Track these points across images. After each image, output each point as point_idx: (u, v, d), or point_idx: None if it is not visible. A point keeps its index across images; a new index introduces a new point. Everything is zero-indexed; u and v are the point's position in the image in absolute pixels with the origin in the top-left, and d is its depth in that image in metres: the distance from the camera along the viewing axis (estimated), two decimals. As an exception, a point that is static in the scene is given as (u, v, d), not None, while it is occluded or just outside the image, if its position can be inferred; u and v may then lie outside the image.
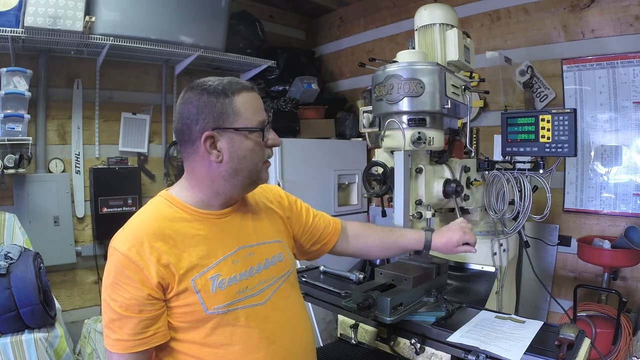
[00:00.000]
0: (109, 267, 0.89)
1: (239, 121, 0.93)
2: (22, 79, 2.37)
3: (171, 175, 3.05)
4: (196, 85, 0.95)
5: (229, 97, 0.92)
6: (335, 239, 1.28)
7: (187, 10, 2.67)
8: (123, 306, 0.86)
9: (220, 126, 0.92)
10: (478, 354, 1.05)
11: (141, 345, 0.86)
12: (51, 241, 2.55)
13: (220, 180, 0.96)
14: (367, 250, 1.34)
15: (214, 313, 0.91)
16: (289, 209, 1.19)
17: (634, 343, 1.92)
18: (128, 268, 0.86)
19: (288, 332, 1.02)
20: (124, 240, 0.89)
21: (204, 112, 0.91)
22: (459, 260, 1.65)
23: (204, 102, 0.92)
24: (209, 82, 0.95)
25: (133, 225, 0.93)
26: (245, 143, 0.94)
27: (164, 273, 0.87)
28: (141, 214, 0.96)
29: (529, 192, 1.50)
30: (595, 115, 2.31)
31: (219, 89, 0.93)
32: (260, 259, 1.02)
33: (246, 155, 0.95)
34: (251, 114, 0.95)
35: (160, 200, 0.98)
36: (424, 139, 1.40)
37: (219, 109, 0.92)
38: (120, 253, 0.87)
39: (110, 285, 0.87)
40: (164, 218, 0.93)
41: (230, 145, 0.93)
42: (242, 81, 0.98)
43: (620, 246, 2.06)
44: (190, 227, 0.94)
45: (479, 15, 2.75)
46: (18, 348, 1.77)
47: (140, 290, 0.86)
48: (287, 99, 3.09)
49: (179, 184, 1.02)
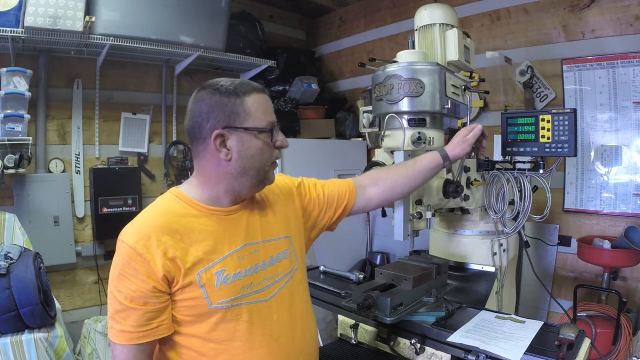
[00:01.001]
0: (117, 258, 0.90)
1: (249, 121, 0.95)
2: (22, 79, 2.37)
3: (171, 175, 3.05)
4: (208, 84, 0.97)
5: (240, 97, 0.94)
6: (353, 197, 1.24)
7: (187, 10, 2.67)
8: (128, 297, 0.87)
9: (231, 125, 0.94)
10: (478, 354, 1.05)
11: (144, 337, 0.88)
12: (51, 241, 2.54)
13: (229, 178, 0.97)
14: (391, 189, 1.27)
15: (218, 307, 0.92)
16: (297, 194, 1.18)
17: (634, 343, 1.92)
18: (135, 260, 0.87)
19: (291, 329, 1.03)
20: (132, 233, 0.90)
21: (215, 111, 0.93)
22: (459, 260, 1.66)
23: (216, 101, 0.94)
24: (221, 82, 0.97)
25: (142, 219, 0.94)
26: (254, 142, 0.96)
27: (169, 266, 0.89)
28: (150, 209, 0.97)
29: (529, 192, 1.50)
30: (595, 115, 2.31)
31: (231, 89, 0.95)
32: (265, 256, 1.02)
33: (255, 154, 0.96)
34: (261, 114, 0.97)
35: (169, 197, 1.00)
36: (424, 139, 1.40)
37: (230, 108, 0.93)
38: (127, 245, 0.88)
39: (117, 276, 0.89)
40: (172, 213, 0.95)
41: (239, 144, 0.95)
42: (254, 83, 1.00)
43: (620, 246, 2.06)
44: (198, 222, 0.96)
45: (479, 15, 2.76)
46: (18, 348, 1.78)
47: (145, 282, 0.87)
48: (287, 99, 3.09)
49: (188, 181, 1.04)
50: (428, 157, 1.30)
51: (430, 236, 1.81)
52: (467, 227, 1.66)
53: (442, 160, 1.30)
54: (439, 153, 1.30)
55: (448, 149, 1.32)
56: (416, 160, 1.31)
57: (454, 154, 1.31)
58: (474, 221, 1.65)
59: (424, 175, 1.29)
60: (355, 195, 1.25)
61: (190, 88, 3.22)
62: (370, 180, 1.28)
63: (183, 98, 3.19)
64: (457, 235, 1.68)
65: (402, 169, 1.29)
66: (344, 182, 1.27)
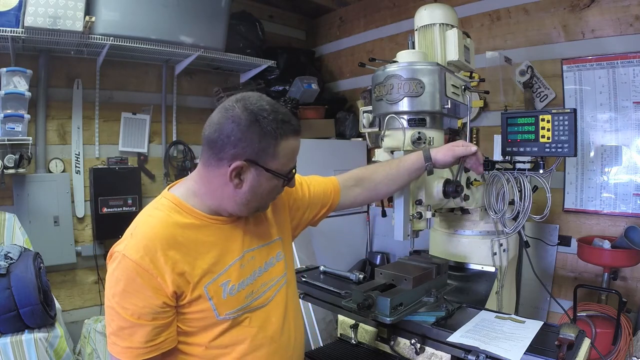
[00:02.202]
0: (118, 274, 0.86)
1: (274, 163, 0.92)
2: (22, 79, 2.37)
3: (171, 176, 3.05)
4: (251, 105, 0.89)
5: (277, 139, 0.90)
6: (337, 197, 1.27)
7: (187, 10, 2.67)
8: (135, 314, 0.84)
9: (255, 161, 0.90)
10: (478, 354, 1.05)
11: (152, 352, 0.86)
12: (51, 241, 2.55)
13: (231, 202, 0.95)
14: (375, 189, 1.29)
15: (226, 318, 0.93)
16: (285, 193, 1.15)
17: (634, 343, 1.92)
18: (141, 276, 0.84)
19: (286, 329, 1.05)
20: (135, 247, 0.86)
21: (247, 141, 0.88)
22: (459, 260, 1.65)
23: (252, 133, 0.88)
24: (265, 111, 0.89)
25: (143, 232, 0.89)
26: (269, 183, 0.94)
27: (179, 282, 0.87)
28: (150, 220, 0.92)
29: (529, 192, 1.50)
30: (595, 115, 2.31)
31: (272, 127, 0.89)
32: (261, 262, 1.03)
33: (264, 192, 0.95)
34: (288, 160, 0.95)
35: (167, 205, 0.95)
36: (424, 139, 1.40)
37: (263, 146, 0.89)
38: (131, 261, 0.85)
39: (121, 293, 0.85)
40: (174, 225, 0.91)
41: (254, 181, 0.92)
42: (294, 121, 0.94)
43: (620, 246, 2.06)
44: (200, 233, 0.94)
45: (479, 15, 2.75)
46: (18, 348, 1.78)
47: (154, 298, 0.85)
48: (287, 99, 3.09)
49: (184, 186, 0.99)
50: (412, 157, 1.30)
51: (430, 236, 1.81)
52: (467, 227, 1.66)
53: (424, 159, 1.28)
54: (423, 153, 1.29)
55: (432, 152, 1.29)
56: (401, 160, 1.31)
57: (435, 158, 1.28)
58: (474, 221, 1.65)
59: (408, 175, 1.29)
60: (339, 195, 1.27)
61: (190, 88, 3.23)
62: (354, 180, 1.30)
63: (183, 98, 3.20)
64: (457, 235, 1.68)
65: (386, 169, 1.29)
66: (329, 180, 1.28)
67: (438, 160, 1.28)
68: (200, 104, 3.26)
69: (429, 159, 1.28)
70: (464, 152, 1.30)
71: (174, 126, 3.14)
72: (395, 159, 1.34)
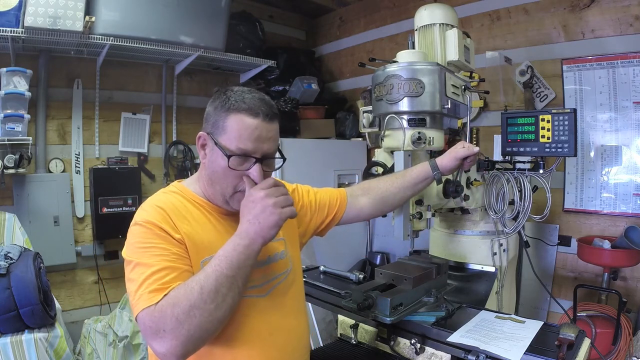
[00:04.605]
0: (134, 236, 0.92)
1: (222, 138, 0.94)
2: (22, 79, 2.37)
3: (171, 176, 3.05)
4: (224, 91, 0.99)
5: (226, 112, 0.95)
6: (344, 205, 1.29)
7: (187, 10, 2.67)
8: (162, 260, 0.87)
9: (210, 132, 0.97)
10: (478, 354, 1.05)
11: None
12: (51, 241, 2.55)
13: (207, 181, 1.01)
14: (382, 199, 1.31)
15: None
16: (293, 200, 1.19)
17: (634, 343, 1.92)
18: (155, 228, 0.91)
19: (286, 327, 1.05)
20: (145, 213, 0.94)
21: (212, 115, 0.97)
22: (459, 260, 1.66)
23: (214, 107, 0.97)
24: (231, 92, 0.97)
25: (151, 204, 0.97)
26: (220, 161, 0.95)
27: (186, 241, 0.93)
28: (157, 197, 1.01)
29: (529, 192, 1.50)
30: (595, 115, 2.31)
31: (227, 102, 0.95)
32: (263, 255, 1.03)
33: (217, 171, 0.97)
34: (235, 137, 0.93)
35: (173, 190, 1.04)
36: (424, 139, 1.40)
37: (216, 119, 0.96)
38: (145, 221, 0.91)
39: (140, 250, 0.89)
40: (179, 202, 1.00)
41: (210, 154, 0.98)
42: (258, 106, 0.95)
43: (620, 246, 2.06)
44: (201, 214, 1.00)
45: (479, 15, 2.75)
46: (18, 348, 1.78)
47: (173, 245, 0.90)
48: (287, 99, 3.08)
49: (192, 176, 1.09)
50: (418, 168, 1.33)
51: (430, 236, 1.82)
52: (467, 227, 1.66)
53: (431, 169, 1.31)
54: (429, 164, 1.33)
55: (438, 160, 1.34)
56: (407, 171, 1.34)
57: (442, 165, 1.32)
58: (474, 221, 1.65)
59: (415, 185, 1.32)
60: (346, 204, 1.29)
61: (190, 88, 3.23)
62: (362, 190, 1.33)
63: (183, 98, 3.20)
64: (457, 235, 1.68)
65: (393, 179, 1.33)
66: (337, 191, 1.31)
67: (445, 166, 1.32)
68: (200, 104, 3.25)
69: (436, 168, 1.31)
70: (467, 153, 1.34)
71: (174, 126, 3.14)
72: (401, 171, 1.37)
